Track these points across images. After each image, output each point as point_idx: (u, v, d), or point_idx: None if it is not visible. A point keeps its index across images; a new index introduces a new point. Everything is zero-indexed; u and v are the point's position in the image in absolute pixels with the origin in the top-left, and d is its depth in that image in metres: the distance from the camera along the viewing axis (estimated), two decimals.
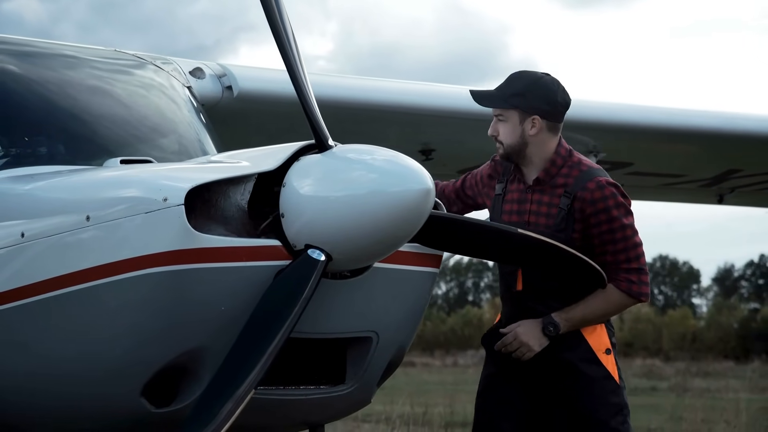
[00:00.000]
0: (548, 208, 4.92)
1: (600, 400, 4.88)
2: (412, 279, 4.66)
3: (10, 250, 4.58)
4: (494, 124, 4.99)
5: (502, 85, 4.99)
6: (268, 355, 4.10)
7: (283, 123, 6.46)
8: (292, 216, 4.26)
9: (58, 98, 5.40)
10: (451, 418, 14.49)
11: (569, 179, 4.93)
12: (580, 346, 4.91)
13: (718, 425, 14.36)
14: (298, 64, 4.43)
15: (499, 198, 5.02)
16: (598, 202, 4.87)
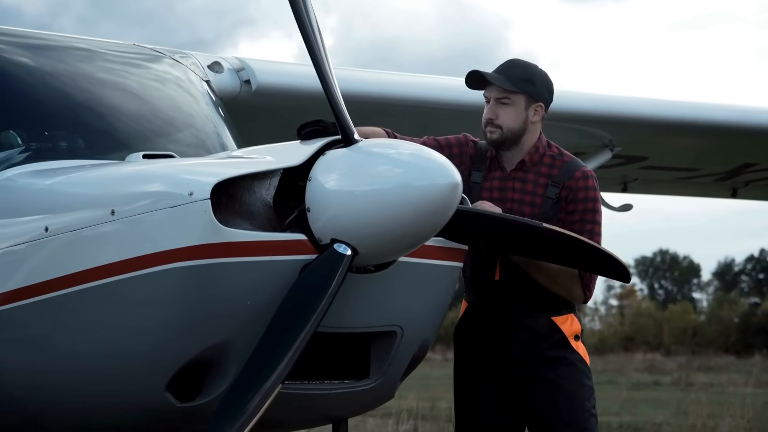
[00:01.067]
0: (532, 196, 4.98)
1: (577, 382, 4.97)
2: (436, 273, 4.65)
3: (33, 245, 4.57)
4: (493, 108, 4.98)
5: (505, 70, 5.00)
6: (295, 349, 4.10)
7: (301, 117, 6.45)
8: (318, 210, 4.25)
9: (79, 92, 5.39)
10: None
11: (554, 169, 5.00)
12: (556, 334, 4.97)
13: (724, 420, 14.35)
14: (324, 57, 4.43)
15: (477, 186, 5.02)
16: (580, 191, 4.97)
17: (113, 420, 4.55)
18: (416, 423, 13.01)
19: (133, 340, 4.32)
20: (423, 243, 4.37)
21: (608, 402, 18.01)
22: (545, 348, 4.97)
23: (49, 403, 4.60)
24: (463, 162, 5.03)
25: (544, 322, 4.98)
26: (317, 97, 6.40)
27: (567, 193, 4.97)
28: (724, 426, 13.86)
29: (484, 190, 5.01)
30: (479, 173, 5.05)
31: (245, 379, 4.13)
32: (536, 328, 4.98)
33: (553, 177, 4.99)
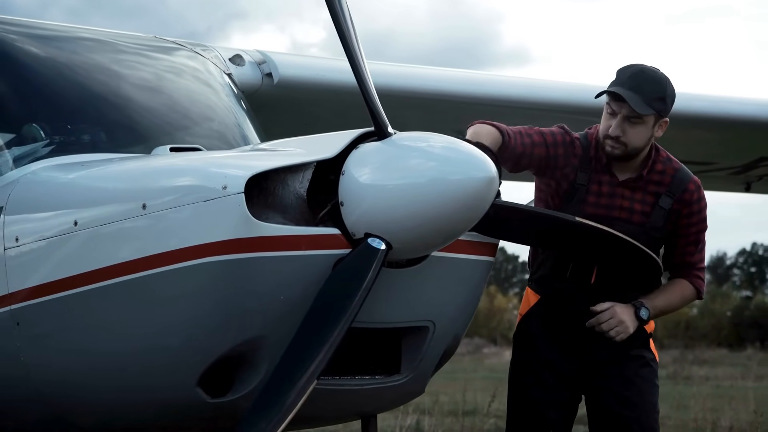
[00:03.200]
0: (641, 205, 4.90)
1: (651, 382, 4.96)
2: (468, 268, 4.62)
3: (62, 239, 4.53)
4: (621, 125, 4.80)
5: (639, 86, 4.79)
6: (330, 345, 4.07)
7: (323, 110, 6.45)
8: (351, 204, 4.22)
9: (101, 85, 5.37)
10: (454, 406, 14.49)
11: (665, 177, 4.92)
12: (641, 333, 4.95)
13: (725, 414, 14.36)
14: (358, 50, 4.39)
15: (582, 188, 4.89)
16: (694, 204, 4.93)
17: (143, 416, 4.52)
18: (418, 417, 12.99)
19: (165, 335, 4.28)
20: (458, 237, 4.34)
21: None
22: (628, 347, 4.92)
23: (77, 400, 4.56)
24: (570, 163, 4.90)
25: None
26: (339, 90, 6.45)
27: (681, 207, 4.91)
28: (726, 420, 13.86)
29: (590, 194, 4.90)
30: (585, 174, 4.90)
31: (280, 376, 4.09)
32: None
33: (666, 186, 4.91)
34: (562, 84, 7.67)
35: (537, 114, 7.45)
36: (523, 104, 7.33)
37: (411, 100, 6.91)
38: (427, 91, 7.12)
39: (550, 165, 4.91)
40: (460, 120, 7.20)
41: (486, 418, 13.79)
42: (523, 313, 5.06)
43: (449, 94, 7.23)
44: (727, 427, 13.38)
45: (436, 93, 7.16)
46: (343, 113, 6.57)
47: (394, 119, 4.90)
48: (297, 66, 6.39)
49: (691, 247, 4.96)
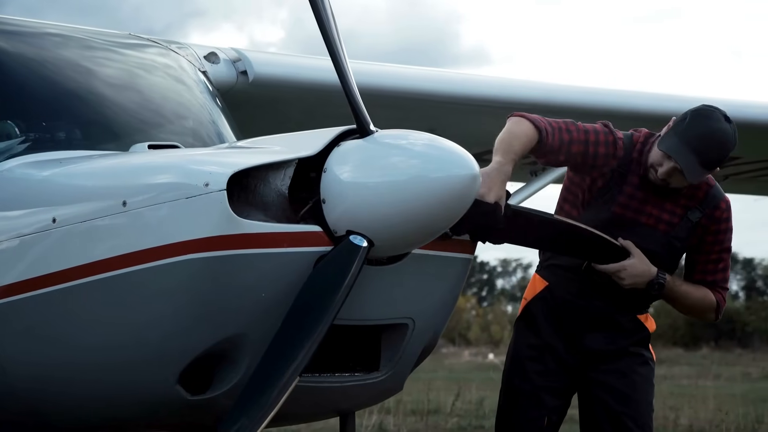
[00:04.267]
0: (670, 215, 4.92)
1: (648, 381, 5.00)
2: (447, 265, 4.63)
3: (40, 236, 4.51)
4: (673, 174, 4.77)
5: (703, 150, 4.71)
6: (312, 342, 4.07)
7: (298, 108, 6.45)
8: (333, 202, 4.22)
9: (77, 82, 5.35)
10: (417, 406, 14.52)
11: (699, 192, 4.93)
12: (641, 331, 5.00)
13: (685, 412, 14.48)
14: (340, 48, 4.39)
15: (615, 188, 4.90)
16: (723, 222, 4.96)
17: (120, 413, 4.51)
18: (382, 417, 13.02)
19: (146, 333, 4.27)
20: (440, 234, 4.36)
21: None
22: (628, 344, 4.98)
23: (52, 396, 4.54)
24: (608, 163, 4.88)
25: (630, 318, 4.99)
26: (315, 89, 6.45)
27: (709, 222, 4.93)
28: (686, 418, 13.98)
29: (622, 195, 4.90)
30: (621, 176, 4.89)
31: (262, 373, 4.09)
32: (624, 325, 4.98)
33: (698, 200, 4.93)
34: (537, 83, 7.71)
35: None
36: (496, 103, 7.35)
37: (382, 98, 6.92)
38: (398, 90, 7.12)
39: (588, 163, 4.88)
40: (432, 118, 7.27)
41: (449, 417, 13.84)
42: (529, 298, 5.08)
43: (421, 93, 7.24)
44: (687, 426, 13.50)
45: (408, 91, 7.17)
46: (319, 111, 6.59)
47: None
48: (272, 64, 6.39)
49: (711, 265, 4.99)
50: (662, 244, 4.90)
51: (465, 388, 15.78)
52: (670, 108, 7.56)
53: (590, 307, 4.96)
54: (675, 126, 4.81)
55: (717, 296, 5.01)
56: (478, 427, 13.51)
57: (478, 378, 18.39)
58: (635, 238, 4.86)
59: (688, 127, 4.77)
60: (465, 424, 13.67)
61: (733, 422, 13.50)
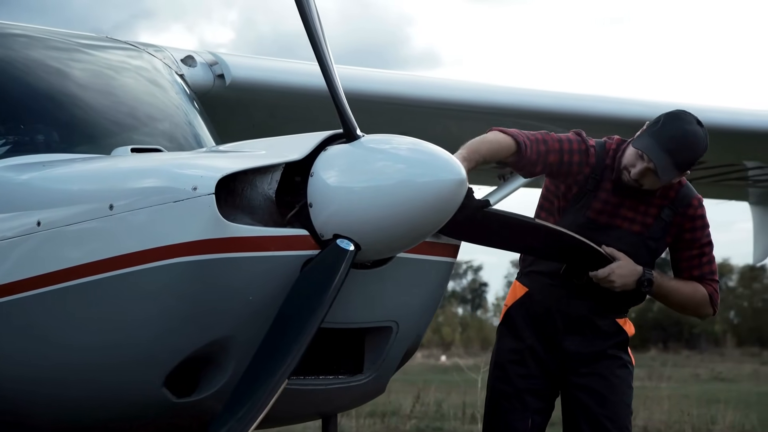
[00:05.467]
0: (644, 216, 5.00)
1: (627, 384, 5.08)
2: (430, 268, 4.68)
3: (24, 239, 4.51)
4: (646, 174, 4.86)
5: (676, 151, 4.82)
6: (300, 345, 4.10)
7: (276, 112, 6.47)
8: (320, 206, 4.25)
9: (54, 86, 5.35)
10: (374, 408, 14.54)
11: (670, 192, 5.01)
12: (620, 335, 5.08)
13: (640, 414, 14.57)
14: (327, 53, 4.43)
15: (590, 194, 4.99)
16: (697, 219, 5.04)
17: (105, 415, 4.52)
18: (339, 420, 13.01)
19: (131, 335, 4.29)
20: (426, 238, 4.40)
21: None
22: (606, 346, 5.05)
23: (37, 396, 4.55)
24: (582, 171, 4.98)
25: (609, 322, 5.06)
26: (292, 92, 6.48)
27: (683, 221, 5.02)
28: (641, 419, 14.06)
29: (596, 201, 4.98)
30: (595, 181, 4.99)
31: (251, 375, 4.12)
32: (603, 328, 5.05)
33: (670, 199, 5.01)
34: (507, 88, 7.75)
35: (479, 117, 7.55)
36: (465, 107, 7.40)
37: (351, 102, 6.94)
38: (367, 93, 7.14)
39: (562, 171, 4.99)
40: (402, 122, 7.30)
41: (407, 420, 13.87)
42: (510, 304, 5.16)
43: (390, 96, 7.26)
44: (642, 427, 13.59)
45: (377, 95, 7.19)
46: (296, 114, 6.61)
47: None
48: (249, 67, 6.40)
49: (695, 260, 5.07)
50: (636, 245, 4.98)
51: (425, 391, 15.80)
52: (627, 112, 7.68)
53: (569, 311, 5.03)
54: (649, 128, 4.92)
55: (708, 288, 5.07)
56: (436, 429, 13.55)
57: (435, 380, 18.44)
58: (610, 241, 4.94)
59: (662, 128, 4.87)
60: (423, 426, 13.70)
61: (688, 423, 13.61)
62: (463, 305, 62.86)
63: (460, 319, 51.28)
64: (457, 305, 60.32)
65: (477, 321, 55.01)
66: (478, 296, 66.24)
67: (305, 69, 6.45)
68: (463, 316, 55.33)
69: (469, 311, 61.90)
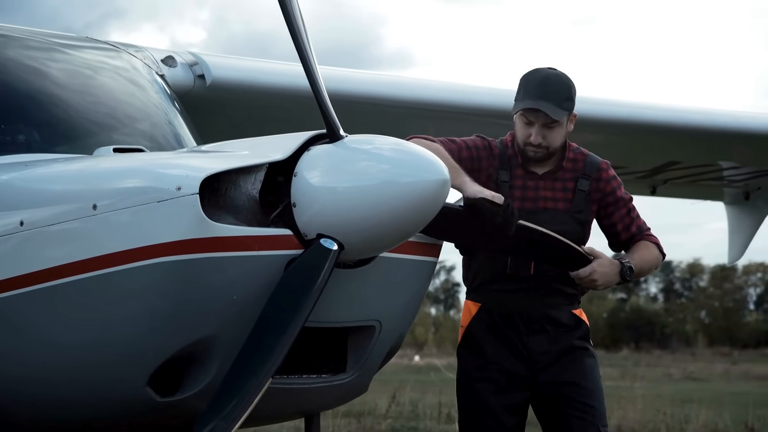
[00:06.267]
0: (563, 192, 5.10)
1: (596, 371, 5.12)
2: (413, 268, 4.71)
3: (6, 239, 4.51)
4: (540, 131, 5.01)
5: (547, 93, 5.00)
6: (284, 344, 4.12)
7: (256, 112, 6.48)
8: (304, 205, 4.27)
9: (34, 86, 5.35)
10: (349, 407, 14.55)
11: (578, 163, 5.14)
12: (580, 326, 5.13)
13: (614, 413, 14.62)
14: (310, 54, 4.44)
15: (505, 185, 5.08)
16: (612, 180, 5.16)
17: (87, 414, 4.52)
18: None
19: (115, 335, 4.29)
20: (409, 238, 4.42)
21: None
22: (571, 339, 5.09)
23: (19, 395, 4.54)
24: (492, 164, 5.10)
25: (569, 315, 5.11)
26: (272, 93, 6.48)
27: (597, 185, 5.13)
28: (615, 419, 14.12)
29: (515, 189, 5.07)
30: (506, 172, 5.10)
31: (235, 375, 4.13)
32: (563, 320, 5.09)
33: (580, 171, 5.13)
34: (480, 88, 7.77)
35: (457, 117, 7.57)
36: (443, 108, 7.43)
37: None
38: (345, 94, 7.15)
39: (475, 167, 5.06)
40: (378, 123, 7.32)
41: (382, 420, 13.90)
42: (465, 324, 5.16)
43: (368, 97, 7.28)
44: (616, 426, 13.64)
45: (354, 95, 7.20)
46: (276, 115, 6.62)
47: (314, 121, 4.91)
48: (229, 68, 6.41)
49: (627, 219, 5.17)
50: (566, 221, 5.06)
51: (401, 391, 15.83)
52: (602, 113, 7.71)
53: (528, 312, 5.06)
54: (516, 95, 5.09)
55: (651, 239, 5.20)
56: (411, 429, 13.58)
57: (410, 380, 18.46)
58: (541, 224, 4.95)
59: (525, 87, 5.07)
60: (399, 426, 13.73)
61: (662, 422, 13.67)
62: (436, 305, 63.01)
63: (433, 319, 51.41)
64: (430, 305, 60.42)
65: (450, 321, 55.10)
66: (450, 296, 66.39)
67: (286, 69, 6.47)
68: (436, 317, 55.47)
69: (442, 311, 62.10)
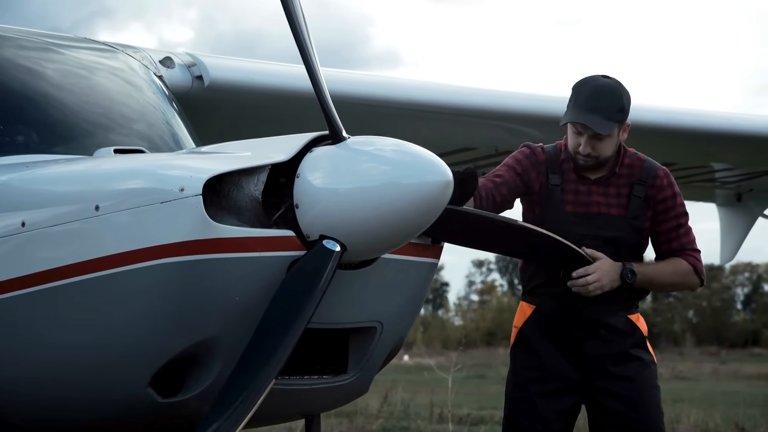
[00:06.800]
0: (618, 198, 5.07)
1: (652, 383, 5.09)
2: (414, 269, 4.71)
3: (7, 239, 4.51)
4: (589, 142, 4.98)
5: (597, 106, 4.96)
6: (287, 345, 4.12)
7: (254, 113, 6.48)
8: (306, 207, 4.27)
9: (35, 87, 5.35)
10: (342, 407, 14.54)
11: (634, 169, 5.10)
12: (635, 333, 5.10)
13: None
14: (313, 55, 4.45)
15: (557, 189, 5.07)
16: (667, 189, 5.09)
17: (89, 415, 4.52)
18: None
19: (118, 336, 4.30)
20: (412, 239, 4.43)
21: (483, 396, 18.27)
22: (626, 346, 5.06)
23: (20, 396, 4.54)
24: (540, 170, 5.09)
25: (624, 320, 5.08)
26: (271, 94, 6.49)
27: (655, 193, 5.07)
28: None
29: (566, 193, 5.06)
30: (556, 176, 5.08)
31: (238, 376, 4.13)
32: (617, 326, 5.07)
33: (636, 176, 5.08)
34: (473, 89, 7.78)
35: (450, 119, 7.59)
36: (436, 108, 7.45)
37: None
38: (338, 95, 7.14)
39: (527, 184, 5.10)
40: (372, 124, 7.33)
41: (374, 420, 13.90)
42: (519, 325, 5.17)
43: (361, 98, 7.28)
44: None
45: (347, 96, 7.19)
46: (274, 116, 6.63)
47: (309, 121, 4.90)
48: (227, 69, 6.41)
49: (673, 232, 5.11)
50: (622, 228, 5.04)
51: (393, 392, 15.84)
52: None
53: (583, 316, 5.05)
54: (567, 103, 5.06)
55: (689, 259, 5.11)
56: (403, 429, 13.59)
57: (401, 380, 18.47)
58: (595, 230, 5.00)
59: (576, 97, 5.03)
60: (390, 426, 13.74)
61: None
62: (425, 305, 62.95)
63: (421, 318, 51.29)
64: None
65: (439, 321, 55.18)
66: (439, 296, 66.43)
67: (284, 71, 6.50)
68: (424, 316, 55.44)
69: (431, 311, 62.06)
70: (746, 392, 19.17)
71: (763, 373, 26.84)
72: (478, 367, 28.56)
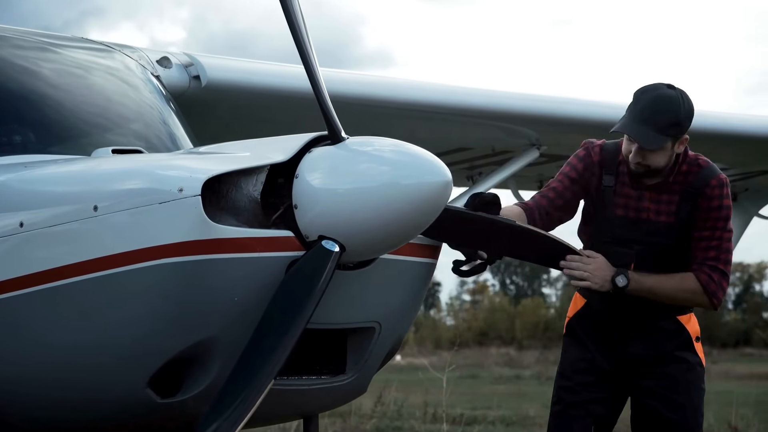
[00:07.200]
0: (668, 206, 5.00)
1: (696, 386, 5.07)
2: (413, 269, 4.71)
3: (5, 239, 4.50)
4: (639, 152, 4.89)
5: (651, 118, 4.85)
6: (286, 345, 4.12)
7: (251, 113, 6.48)
8: (305, 207, 4.27)
9: (33, 87, 5.34)
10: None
11: (689, 176, 5.00)
12: (682, 334, 5.08)
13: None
14: (312, 56, 4.45)
15: (609, 190, 5.04)
16: (714, 199, 4.98)
17: (87, 415, 4.51)
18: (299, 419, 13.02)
19: (116, 336, 4.29)
20: (411, 240, 4.43)
21: (477, 396, 18.29)
22: (671, 347, 5.05)
23: (20, 396, 4.53)
24: (594, 171, 5.06)
25: (670, 321, 5.05)
26: (268, 94, 6.49)
27: (702, 201, 4.96)
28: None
29: (618, 195, 5.02)
30: (611, 177, 5.03)
31: (237, 376, 4.13)
32: (663, 326, 5.05)
33: (690, 183, 4.98)
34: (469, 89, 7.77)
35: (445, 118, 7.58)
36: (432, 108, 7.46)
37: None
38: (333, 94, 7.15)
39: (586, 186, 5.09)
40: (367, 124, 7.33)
41: (368, 420, 13.91)
42: (571, 315, 5.20)
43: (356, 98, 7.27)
44: None
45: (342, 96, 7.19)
46: (272, 116, 6.63)
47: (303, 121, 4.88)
48: (225, 69, 6.40)
49: (702, 242, 5.01)
50: (669, 235, 4.98)
51: (387, 392, 15.86)
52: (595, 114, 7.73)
53: (629, 315, 5.03)
54: (626, 109, 4.97)
55: (701, 276, 4.99)
56: (396, 429, 13.59)
57: (394, 380, 18.48)
58: (642, 236, 4.97)
59: (635, 104, 4.93)
60: (384, 425, 13.75)
61: None
62: None
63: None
64: None
65: (430, 320, 55.20)
66: (431, 296, 66.40)
67: (282, 71, 6.50)
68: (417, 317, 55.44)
69: (423, 311, 62.08)
70: (739, 392, 19.19)
71: (755, 373, 26.90)
72: (470, 367, 28.58)
